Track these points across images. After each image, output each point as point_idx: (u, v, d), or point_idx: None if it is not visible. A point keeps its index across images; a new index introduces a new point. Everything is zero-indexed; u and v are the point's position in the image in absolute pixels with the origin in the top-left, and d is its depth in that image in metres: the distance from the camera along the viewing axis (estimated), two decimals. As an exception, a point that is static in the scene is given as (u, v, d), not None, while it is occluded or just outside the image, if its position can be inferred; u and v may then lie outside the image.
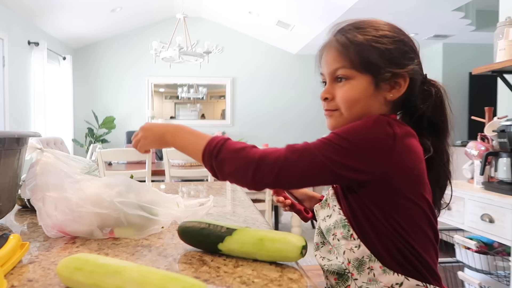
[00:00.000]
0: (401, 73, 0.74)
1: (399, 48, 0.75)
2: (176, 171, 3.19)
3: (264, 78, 6.07)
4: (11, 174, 0.87)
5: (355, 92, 0.75)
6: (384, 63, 0.73)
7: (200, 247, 0.72)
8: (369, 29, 0.75)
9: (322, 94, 0.79)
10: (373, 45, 0.73)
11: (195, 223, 0.73)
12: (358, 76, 0.74)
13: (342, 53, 0.75)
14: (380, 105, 0.76)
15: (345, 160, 0.66)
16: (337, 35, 0.78)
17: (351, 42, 0.75)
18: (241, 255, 0.67)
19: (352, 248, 0.71)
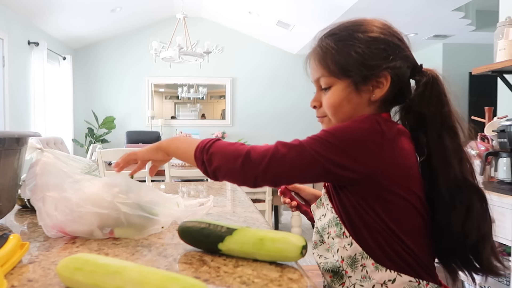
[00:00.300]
0: (378, 73, 0.74)
1: (372, 48, 0.74)
2: (176, 171, 3.19)
3: (264, 78, 6.07)
4: (11, 174, 0.87)
5: (336, 98, 0.76)
6: (357, 67, 0.74)
7: (200, 247, 0.72)
8: (343, 34, 0.77)
9: (311, 103, 0.82)
10: (345, 50, 0.75)
11: (195, 223, 0.73)
12: (337, 82, 0.76)
13: (320, 63, 0.78)
14: (365, 106, 0.77)
15: (334, 156, 0.67)
16: (317, 43, 0.80)
17: (327, 49, 0.77)
18: (241, 255, 0.67)
19: (345, 245, 0.72)
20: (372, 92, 0.75)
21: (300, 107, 6.05)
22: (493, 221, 0.73)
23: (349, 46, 0.75)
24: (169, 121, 5.95)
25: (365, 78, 0.74)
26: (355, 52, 0.74)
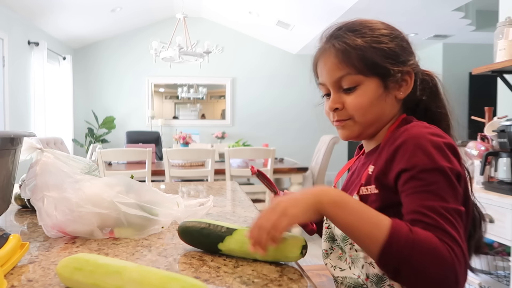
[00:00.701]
0: (407, 69, 0.73)
1: (399, 44, 0.73)
2: (176, 171, 3.19)
3: (264, 78, 6.07)
4: (5, 173, 0.86)
5: (367, 97, 0.72)
6: (390, 63, 0.71)
7: (200, 247, 0.72)
8: (365, 30, 0.73)
9: (331, 105, 0.75)
10: (375, 46, 0.71)
11: (195, 223, 0.73)
12: (366, 80, 0.71)
13: (343, 60, 0.72)
14: (392, 105, 0.74)
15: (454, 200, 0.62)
16: (332, 42, 0.74)
17: (351, 46, 0.71)
18: (241, 255, 0.67)
19: (372, 262, 0.67)
20: (399, 90, 0.73)
21: (300, 107, 6.05)
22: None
23: (376, 41, 0.71)
24: (169, 121, 5.95)
25: (395, 75, 0.72)
26: (386, 46, 0.71)
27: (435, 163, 0.62)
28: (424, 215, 0.60)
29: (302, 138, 6.03)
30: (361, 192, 0.73)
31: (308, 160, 4.84)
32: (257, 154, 3.36)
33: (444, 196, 0.61)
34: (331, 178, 6.09)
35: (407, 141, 0.65)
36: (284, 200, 0.61)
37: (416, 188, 0.62)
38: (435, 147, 0.63)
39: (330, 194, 0.61)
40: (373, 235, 0.58)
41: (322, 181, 3.84)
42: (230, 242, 0.67)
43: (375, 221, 0.59)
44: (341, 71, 0.72)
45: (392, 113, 0.75)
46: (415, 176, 0.63)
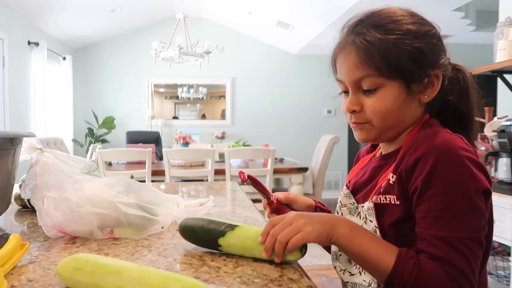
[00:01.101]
0: (435, 72, 0.67)
1: (429, 43, 0.66)
2: (176, 171, 3.19)
3: (264, 78, 6.07)
4: (5, 174, 0.86)
5: (388, 102, 0.66)
6: (416, 65, 0.65)
7: (200, 244, 0.72)
8: (390, 25, 0.66)
9: (349, 106, 0.70)
10: (400, 46, 0.65)
11: (196, 219, 0.73)
12: (388, 83, 0.66)
13: (364, 60, 0.66)
14: (414, 109, 0.69)
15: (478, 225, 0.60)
16: (353, 36, 0.68)
17: (373, 45, 0.65)
18: (240, 251, 0.67)
19: None
20: (424, 93, 0.68)
21: (300, 106, 6.05)
22: None
23: (402, 39, 0.65)
24: (169, 121, 5.95)
25: (420, 77, 0.66)
26: (412, 47, 0.65)
27: (455, 185, 0.58)
28: (435, 246, 0.58)
29: (302, 138, 6.03)
30: (376, 200, 0.69)
31: (308, 160, 4.84)
32: (257, 154, 3.36)
33: (462, 223, 0.58)
34: (331, 178, 6.09)
35: (428, 153, 0.61)
36: (304, 218, 0.63)
37: (430, 212, 0.59)
38: (458, 163, 0.59)
39: (343, 228, 0.64)
40: (379, 267, 0.61)
41: (322, 181, 3.84)
42: (231, 237, 0.67)
43: (382, 254, 0.61)
44: (362, 72, 0.67)
45: (415, 117, 0.70)
46: (431, 197, 0.60)
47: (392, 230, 0.67)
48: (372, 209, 0.70)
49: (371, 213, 0.70)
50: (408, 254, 0.60)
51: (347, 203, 0.80)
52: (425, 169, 0.60)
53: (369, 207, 0.71)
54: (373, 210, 0.69)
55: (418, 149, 0.63)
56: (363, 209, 0.72)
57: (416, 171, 0.62)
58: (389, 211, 0.67)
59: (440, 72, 0.67)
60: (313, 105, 5.99)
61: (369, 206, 0.71)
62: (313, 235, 0.62)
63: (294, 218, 0.63)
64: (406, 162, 0.64)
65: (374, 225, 0.69)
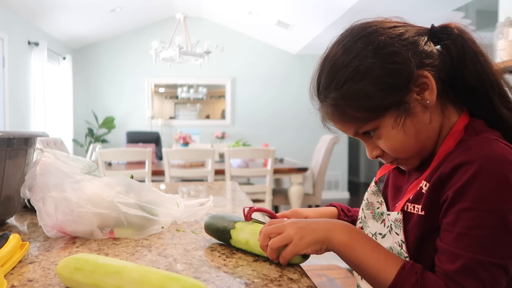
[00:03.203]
0: (412, 80, 0.60)
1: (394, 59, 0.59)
2: (176, 171, 3.20)
3: (264, 78, 6.07)
4: (20, 175, 0.87)
5: (395, 138, 0.62)
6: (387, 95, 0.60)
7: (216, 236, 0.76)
8: (338, 75, 0.61)
9: (371, 155, 0.67)
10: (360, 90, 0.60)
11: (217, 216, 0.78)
12: (380, 122, 0.62)
13: (344, 120, 0.64)
14: (430, 119, 0.62)
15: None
16: (322, 103, 0.66)
17: (339, 105, 0.61)
18: (244, 246, 0.69)
19: None
20: (424, 99, 0.61)
21: (300, 106, 6.04)
22: None
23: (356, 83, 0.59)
24: (169, 121, 5.95)
25: (406, 96, 0.60)
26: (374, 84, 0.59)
27: (491, 202, 0.53)
28: (451, 262, 0.54)
29: (302, 138, 6.03)
30: (406, 209, 0.65)
31: (308, 160, 4.84)
32: (257, 154, 3.36)
33: (489, 246, 0.52)
34: (331, 178, 6.10)
35: (470, 162, 0.55)
36: (296, 228, 0.61)
37: (456, 227, 0.54)
38: (500, 179, 0.53)
39: (341, 234, 0.61)
40: (378, 279, 0.58)
41: (322, 181, 3.84)
42: (242, 229, 0.70)
43: (383, 265, 0.58)
44: (351, 128, 0.65)
45: (438, 121, 0.63)
46: (461, 211, 0.54)
47: (418, 245, 0.62)
48: (400, 222, 0.64)
49: (399, 226, 0.65)
50: (412, 268, 0.56)
51: (374, 201, 0.76)
52: (463, 178, 0.54)
53: (397, 218, 0.65)
54: (401, 222, 0.64)
55: (459, 156, 0.57)
56: (389, 217, 0.68)
57: (453, 179, 0.56)
58: (414, 221, 0.63)
59: (422, 72, 0.60)
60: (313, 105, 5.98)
61: (396, 217, 0.65)
62: (303, 247, 0.60)
63: (287, 225, 0.62)
64: (443, 169, 0.58)
65: (401, 239, 0.64)
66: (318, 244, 0.61)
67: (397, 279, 0.56)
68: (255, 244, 0.67)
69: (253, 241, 0.67)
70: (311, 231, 0.61)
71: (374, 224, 0.71)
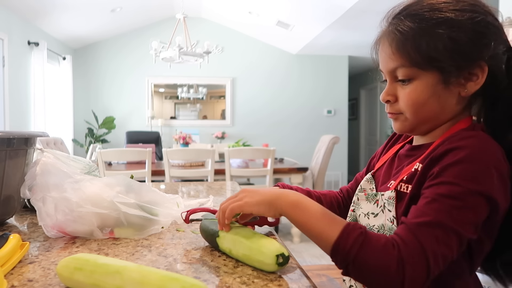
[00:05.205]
0: (475, 63, 0.61)
1: (469, 33, 0.60)
2: (176, 171, 3.20)
3: (264, 78, 6.07)
4: (20, 175, 0.87)
5: (420, 94, 0.64)
6: (449, 56, 0.60)
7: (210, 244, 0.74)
8: (427, 14, 0.62)
9: (383, 96, 0.69)
10: (434, 36, 0.61)
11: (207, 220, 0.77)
12: (422, 74, 0.63)
13: (398, 49, 0.64)
14: (453, 104, 0.64)
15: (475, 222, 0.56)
16: (389, 27, 0.66)
17: (407, 34, 0.62)
18: (230, 254, 0.68)
19: None
20: (464, 87, 0.62)
21: (300, 107, 6.04)
22: None
23: (438, 29, 0.60)
24: (169, 121, 5.95)
25: (459, 70, 0.61)
26: (448, 37, 0.60)
27: (469, 181, 0.56)
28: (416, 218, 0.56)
29: (302, 138, 6.03)
30: (399, 188, 0.67)
31: (308, 160, 4.84)
32: (257, 154, 3.36)
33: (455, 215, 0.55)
34: (331, 178, 6.09)
35: (462, 147, 0.58)
36: (246, 190, 0.68)
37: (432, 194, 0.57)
38: (484, 167, 0.56)
39: (289, 197, 0.64)
40: (324, 235, 0.59)
41: (322, 181, 3.84)
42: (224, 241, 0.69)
43: (330, 223, 0.59)
44: (395, 62, 0.65)
45: (454, 111, 0.65)
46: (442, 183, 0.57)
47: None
48: (393, 199, 0.67)
49: (391, 203, 0.67)
50: (356, 225, 0.58)
51: (367, 187, 0.78)
52: (451, 159, 0.58)
53: (390, 196, 0.68)
54: (394, 199, 0.67)
55: (454, 142, 0.60)
56: (382, 197, 0.70)
57: (443, 160, 0.59)
58: (405, 201, 0.65)
59: (485, 64, 0.61)
60: (313, 105, 5.99)
61: (390, 195, 0.68)
62: (252, 204, 0.65)
63: (239, 192, 0.69)
64: (436, 152, 0.61)
65: (392, 215, 0.66)
66: (267, 204, 0.65)
67: (343, 232, 0.57)
68: (237, 254, 0.65)
69: (235, 251, 0.65)
70: (262, 193, 0.66)
71: (367, 205, 0.73)
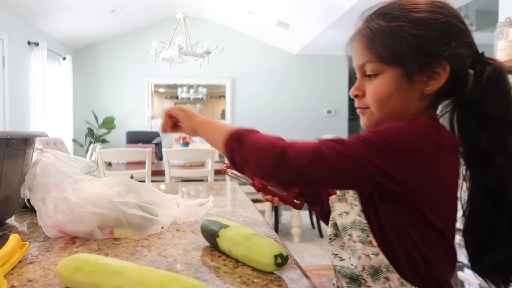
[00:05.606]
0: (436, 61, 0.64)
1: (432, 32, 0.64)
2: (176, 171, 3.19)
3: (264, 78, 6.07)
4: (19, 175, 0.87)
5: (385, 88, 0.67)
6: (412, 53, 0.64)
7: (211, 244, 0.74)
8: (397, 13, 0.66)
9: (352, 91, 0.73)
10: (400, 33, 0.64)
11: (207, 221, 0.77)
12: (387, 69, 0.67)
13: (367, 46, 0.68)
14: (416, 100, 0.67)
15: (386, 165, 0.59)
16: (364, 24, 0.70)
17: (375, 32, 0.67)
18: (229, 254, 0.68)
19: (369, 254, 0.66)
20: (427, 84, 0.66)
21: (300, 107, 6.05)
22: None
23: (404, 27, 0.64)
24: (169, 121, 5.94)
25: (421, 66, 0.65)
26: (412, 34, 0.64)
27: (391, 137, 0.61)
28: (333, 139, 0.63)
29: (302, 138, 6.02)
30: None
31: (308, 160, 4.82)
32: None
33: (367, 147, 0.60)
34: (331, 178, 6.09)
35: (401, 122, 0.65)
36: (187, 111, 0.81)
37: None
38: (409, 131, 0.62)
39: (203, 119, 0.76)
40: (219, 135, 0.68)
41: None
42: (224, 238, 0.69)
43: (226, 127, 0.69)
44: (364, 58, 0.69)
45: (417, 108, 0.68)
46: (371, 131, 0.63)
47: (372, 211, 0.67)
48: (355, 193, 0.70)
49: (356, 197, 0.70)
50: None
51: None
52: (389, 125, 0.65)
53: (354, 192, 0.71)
54: (356, 194, 0.70)
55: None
56: (348, 194, 0.72)
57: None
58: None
59: (446, 63, 0.64)
60: (313, 105, 5.99)
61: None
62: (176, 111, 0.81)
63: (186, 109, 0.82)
64: None
65: (359, 208, 0.69)
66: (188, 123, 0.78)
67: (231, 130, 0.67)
68: (236, 254, 0.65)
69: (234, 251, 0.66)
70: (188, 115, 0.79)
71: (339, 205, 0.75)
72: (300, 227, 3.56)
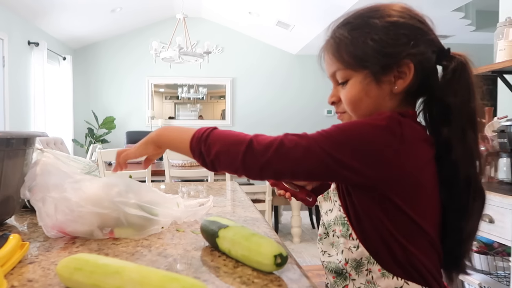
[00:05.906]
0: (399, 61, 0.67)
1: (391, 34, 0.67)
2: (176, 171, 3.19)
3: (264, 78, 6.07)
4: (19, 175, 0.87)
5: (354, 92, 0.70)
6: (373, 56, 0.68)
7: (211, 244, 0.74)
8: (358, 22, 0.71)
9: (329, 99, 0.77)
10: (360, 39, 0.69)
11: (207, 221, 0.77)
12: (355, 75, 0.70)
13: (334, 55, 0.72)
14: (387, 99, 0.70)
15: (342, 156, 0.62)
16: (330, 35, 0.75)
17: (340, 40, 0.71)
18: (229, 254, 0.68)
19: (350, 247, 0.69)
20: (394, 84, 0.69)
21: (300, 107, 6.04)
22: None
23: (364, 34, 0.68)
24: (169, 121, 5.95)
25: (385, 67, 0.68)
26: (371, 39, 0.67)
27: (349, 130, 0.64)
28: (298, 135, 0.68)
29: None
30: None
31: (308, 160, 4.82)
32: None
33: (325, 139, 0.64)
34: (331, 178, 6.10)
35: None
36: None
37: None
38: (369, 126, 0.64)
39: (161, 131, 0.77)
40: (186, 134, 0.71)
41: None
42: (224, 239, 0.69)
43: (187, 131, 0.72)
44: (333, 66, 0.73)
45: (389, 107, 0.70)
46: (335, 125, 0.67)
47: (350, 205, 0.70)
48: (334, 189, 0.74)
49: (335, 193, 0.74)
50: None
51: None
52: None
53: (333, 188, 0.75)
54: (336, 190, 0.73)
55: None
56: (331, 192, 0.76)
57: None
58: (340, 186, 0.72)
59: (410, 62, 0.67)
60: (313, 105, 5.99)
61: (333, 187, 0.75)
62: (136, 149, 0.79)
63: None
64: None
65: (339, 204, 0.72)
66: (148, 143, 0.77)
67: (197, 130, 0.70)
68: (236, 254, 0.65)
69: (234, 251, 0.66)
70: (147, 138, 0.78)
71: (325, 204, 0.78)
72: (300, 227, 3.56)
